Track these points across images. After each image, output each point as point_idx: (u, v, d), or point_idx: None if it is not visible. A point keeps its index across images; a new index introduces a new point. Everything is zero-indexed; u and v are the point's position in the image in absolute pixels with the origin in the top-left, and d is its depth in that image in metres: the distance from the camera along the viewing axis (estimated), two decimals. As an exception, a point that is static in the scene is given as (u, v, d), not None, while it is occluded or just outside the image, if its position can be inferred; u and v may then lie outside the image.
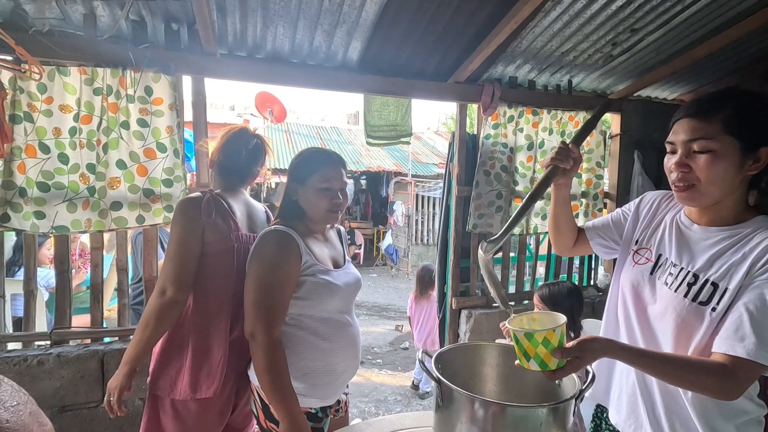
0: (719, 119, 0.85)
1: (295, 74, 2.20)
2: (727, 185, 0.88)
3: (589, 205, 2.82)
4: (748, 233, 0.89)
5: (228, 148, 1.44)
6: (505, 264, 2.79)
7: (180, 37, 1.94)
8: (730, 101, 0.86)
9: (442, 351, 1.00)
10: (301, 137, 11.45)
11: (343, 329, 1.31)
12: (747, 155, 0.85)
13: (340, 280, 1.31)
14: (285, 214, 1.35)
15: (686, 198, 0.92)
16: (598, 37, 2.24)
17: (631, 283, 1.05)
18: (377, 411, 3.16)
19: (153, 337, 1.25)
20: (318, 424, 1.28)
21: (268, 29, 1.98)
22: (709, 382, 0.83)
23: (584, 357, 0.82)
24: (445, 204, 2.74)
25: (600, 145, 2.78)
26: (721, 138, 0.85)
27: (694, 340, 0.92)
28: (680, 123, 0.91)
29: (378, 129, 3.00)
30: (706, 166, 0.86)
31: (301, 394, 1.22)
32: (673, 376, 0.86)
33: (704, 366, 0.84)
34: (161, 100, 1.88)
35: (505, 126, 2.54)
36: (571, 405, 0.82)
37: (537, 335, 0.81)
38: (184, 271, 1.24)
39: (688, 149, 0.89)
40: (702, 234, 0.96)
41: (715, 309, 0.89)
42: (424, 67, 2.39)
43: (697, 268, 0.93)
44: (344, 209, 1.37)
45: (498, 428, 0.80)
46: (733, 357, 0.82)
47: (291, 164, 1.35)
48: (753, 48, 2.52)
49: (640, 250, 1.07)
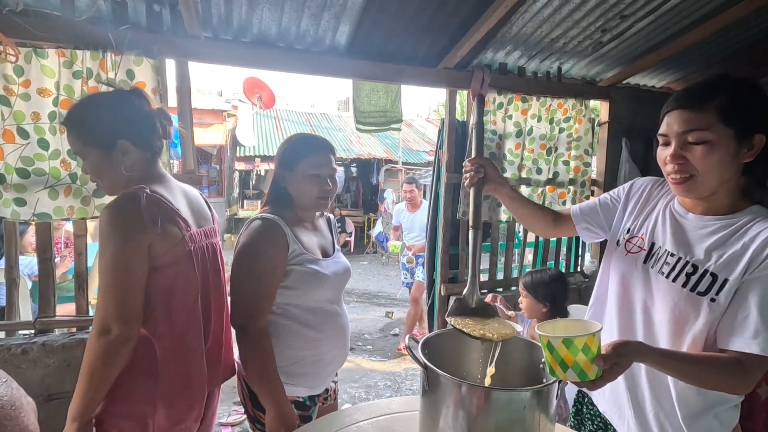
0: (713, 109, 0.84)
1: (283, 58, 2.16)
2: (723, 175, 0.88)
3: (577, 192, 2.84)
4: (746, 223, 0.89)
5: (123, 111, 1.08)
6: (493, 251, 2.81)
7: (162, 18, 1.89)
8: (722, 90, 0.85)
9: (429, 336, 1.00)
10: (291, 124, 11.32)
11: (332, 319, 1.30)
12: (742, 143, 0.85)
13: (329, 269, 1.28)
14: (273, 201, 1.31)
15: (684, 190, 0.91)
16: (588, 23, 2.23)
17: (622, 272, 1.04)
18: (367, 396, 3.19)
19: (102, 385, 0.99)
20: (306, 412, 1.29)
21: (253, 12, 1.93)
22: (727, 380, 0.85)
23: (621, 363, 0.79)
24: (435, 191, 2.74)
25: (588, 133, 2.79)
26: (716, 128, 0.84)
27: (691, 330, 0.92)
28: (672, 114, 0.89)
29: (368, 115, 2.98)
30: (703, 157, 0.85)
31: (289, 383, 1.22)
32: (695, 377, 0.87)
33: (723, 366, 0.85)
34: (144, 84, 1.83)
35: (495, 113, 2.53)
36: (554, 388, 0.83)
37: (577, 341, 0.74)
38: (131, 302, 0.98)
39: (682, 141, 0.87)
40: (698, 223, 0.95)
41: (714, 300, 0.89)
42: (414, 53, 2.36)
43: (695, 259, 0.92)
44: (334, 196, 1.34)
45: (482, 412, 0.81)
46: (748, 354, 0.84)
47: (279, 150, 1.31)
48: (741, 35, 2.53)
49: (632, 239, 1.05)
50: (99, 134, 1.06)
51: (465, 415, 0.82)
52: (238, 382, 1.31)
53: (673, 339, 0.94)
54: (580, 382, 0.78)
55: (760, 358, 0.83)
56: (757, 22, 2.42)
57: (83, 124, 1.07)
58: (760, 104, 0.86)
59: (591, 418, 1.16)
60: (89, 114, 1.08)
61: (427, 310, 2.90)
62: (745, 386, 0.87)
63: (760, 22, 2.44)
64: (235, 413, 2.83)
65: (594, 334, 0.75)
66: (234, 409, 2.87)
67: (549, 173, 2.75)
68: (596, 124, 2.91)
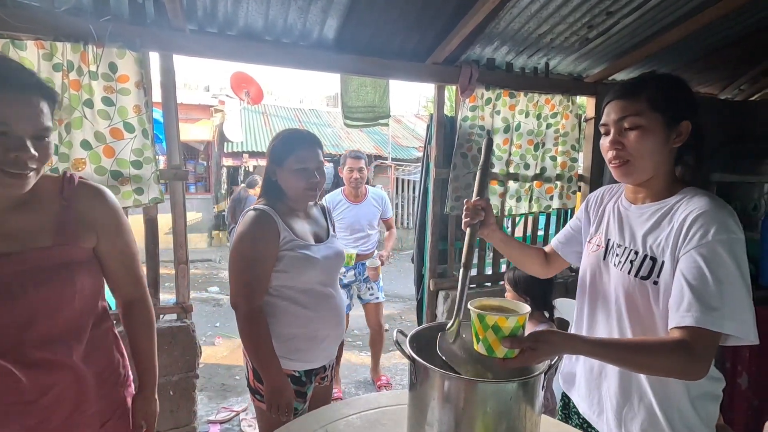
0: (644, 97, 0.94)
1: (269, 52, 2.13)
2: (657, 158, 0.96)
3: (564, 187, 2.87)
4: (674, 204, 0.96)
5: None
6: (482, 246, 2.82)
7: (145, 10, 1.85)
8: (651, 83, 0.96)
9: (417, 330, 1.01)
10: (279, 119, 11.23)
11: (325, 300, 1.42)
12: (671, 128, 0.94)
13: (320, 253, 1.40)
14: (267, 194, 1.43)
15: (623, 173, 0.98)
16: (575, 20, 2.24)
17: (588, 270, 1.13)
18: (357, 392, 3.20)
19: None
20: (302, 388, 1.40)
21: (239, 4, 1.91)
22: (671, 361, 0.83)
23: (539, 349, 0.81)
24: (423, 186, 2.74)
25: (575, 129, 2.82)
26: (648, 114, 0.94)
27: (643, 314, 0.97)
28: (611, 105, 0.99)
29: (356, 110, 2.96)
30: (637, 141, 0.94)
31: (286, 357, 1.35)
32: (637, 363, 0.86)
33: (663, 346, 0.84)
34: (127, 78, 1.80)
35: (483, 108, 2.54)
36: (539, 380, 0.84)
37: (488, 318, 0.80)
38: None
39: (619, 128, 0.97)
40: (637, 212, 1.03)
41: (657, 282, 0.94)
42: (402, 48, 2.35)
43: (637, 246, 1.00)
44: (322, 187, 1.44)
45: (469, 403, 0.82)
46: (685, 329, 0.83)
47: (269, 147, 1.43)
48: (723, 33, 2.58)
49: (592, 239, 1.15)
50: None
51: (452, 407, 0.83)
52: (244, 356, 1.44)
53: (634, 326, 0.99)
54: (487, 356, 0.83)
55: (700, 332, 0.82)
56: (738, 21, 2.46)
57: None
58: (684, 94, 0.97)
59: (578, 412, 1.17)
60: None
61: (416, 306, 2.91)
62: (694, 367, 0.83)
63: (741, 21, 2.49)
64: (224, 410, 2.81)
65: (507, 316, 0.80)
66: (223, 407, 2.86)
67: (536, 168, 2.77)
68: (583, 119, 2.94)
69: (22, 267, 0.87)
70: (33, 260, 0.88)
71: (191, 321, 2.11)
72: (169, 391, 2.06)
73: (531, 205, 2.81)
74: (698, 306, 0.83)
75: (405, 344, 0.92)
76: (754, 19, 2.49)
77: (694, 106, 0.97)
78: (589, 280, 1.12)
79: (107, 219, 1.01)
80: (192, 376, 2.11)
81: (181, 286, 2.11)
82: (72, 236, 0.94)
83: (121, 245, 1.04)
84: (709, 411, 0.98)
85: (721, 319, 0.82)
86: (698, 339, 0.82)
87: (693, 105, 0.97)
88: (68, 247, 0.93)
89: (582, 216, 1.23)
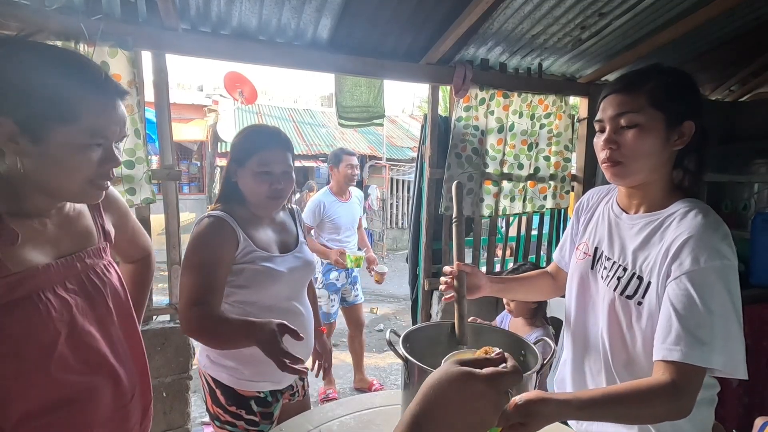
0: (644, 92, 0.86)
1: (263, 52, 2.12)
2: (654, 161, 0.88)
3: (557, 187, 2.88)
4: (665, 219, 0.89)
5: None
6: (476, 246, 2.83)
7: (137, 9, 1.83)
8: (654, 76, 0.88)
9: (410, 330, 1.01)
10: (274, 119, 11.18)
11: (292, 317, 1.24)
12: (672, 129, 0.86)
13: (284, 265, 1.25)
14: (225, 197, 1.27)
15: (616, 174, 0.91)
16: (567, 21, 2.26)
17: (576, 277, 1.07)
18: (351, 392, 3.20)
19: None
20: (267, 409, 1.28)
21: (233, 3, 1.90)
22: (664, 407, 0.77)
23: (529, 424, 0.68)
24: (418, 186, 2.74)
25: (568, 129, 2.83)
26: (647, 111, 0.85)
27: (625, 332, 0.92)
28: (607, 100, 0.91)
29: (350, 110, 2.96)
30: (634, 141, 0.86)
31: (250, 380, 1.23)
32: (630, 417, 0.80)
33: (652, 392, 0.78)
34: (119, 77, 1.78)
35: (477, 109, 2.54)
36: (531, 379, 0.85)
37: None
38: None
39: (616, 125, 0.89)
40: (629, 222, 0.96)
41: (641, 303, 0.89)
42: (396, 48, 2.36)
43: (626, 262, 0.94)
44: (287, 195, 1.28)
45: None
46: (672, 364, 0.78)
47: (232, 143, 1.27)
48: (714, 34, 2.61)
49: (580, 245, 1.09)
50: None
51: (445, 406, 0.82)
52: (201, 379, 1.30)
53: (614, 345, 0.95)
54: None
55: (687, 369, 0.77)
56: (729, 21, 2.49)
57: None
58: (689, 91, 0.88)
59: None
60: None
61: (411, 305, 2.91)
62: (683, 407, 0.78)
63: (731, 23, 2.52)
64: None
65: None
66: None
67: (530, 168, 2.79)
68: (576, 120, 2.96)
69: (94, 263, 0.85)
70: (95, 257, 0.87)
71: (184, 322, 2.10)
72: (162, 393, 2.04)
73: (525, 205, 2.82)
74: (687, 340, 0.78)
75: (398, 344, 0.92)
76: (743, 21, 2.52)
77: (700, 106, 0.88)
78: (577, 286, 1.07)
79: (118, 211, 1.01)
80: (185, 377, 2.10)
81: (174, 287, 2.09)
82: (108, 234, 0.94)
83: (130, 227, 1.06)
84: (704, 416, 0.94)
85: (710, 353, 0.77)
86: (685, 375, 0.78)
87: (698, 104, 0.88)
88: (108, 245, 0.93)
89: (574, 221, 1.18)
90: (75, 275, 0.80)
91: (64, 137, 0.71)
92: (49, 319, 0.72)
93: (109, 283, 0.87)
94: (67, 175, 0.74)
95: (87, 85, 0.73)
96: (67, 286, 0.78)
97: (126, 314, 0.90)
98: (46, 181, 0.73)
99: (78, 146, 0.72)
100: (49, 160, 0.71)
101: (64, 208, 0.83)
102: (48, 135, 0.70)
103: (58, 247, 0.79)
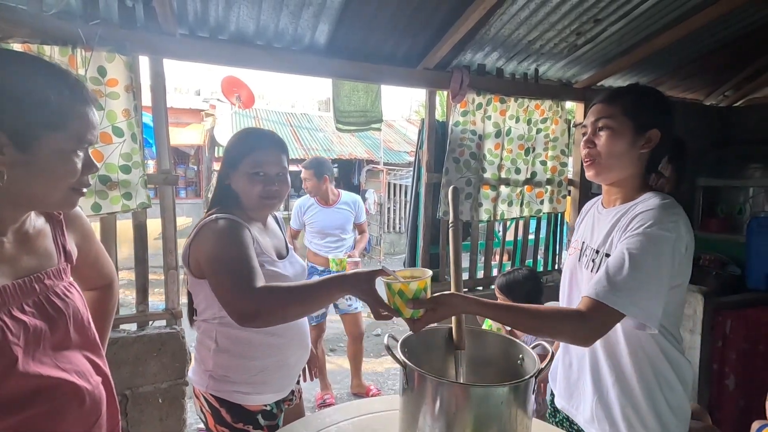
0: (620, 103, 1.04)
1: (261, 57, 2.13)
2: (624, 161, 1.03)
3: (554, 191, 2.90)
4: (633, 205, 1.02)
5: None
6: (473, 250, 2.83)
7: (135, 14, 1.84)
8: (631, 91, 1.07)
9: (409, 335, 1.01)
10: (271, 124, 11.18)
11: (294, 323, 1.24)
12: (639, 134, 1.02)
13: (288, 270, 1.23)
14: (220, 201, 1.22)
15: (592, 170, 1.07)
16: (563, 26, 2.28)
17: (567, 272, 1.20)
18: (349, 397, 3.18)
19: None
20: (273, 422, 1.25)
21: (231, 9, 1.90)
22: (562, 325, 0.91)
23: (438, 310, 0.89)
24: (415, 191, 2.75)
25: (564, 134, 2.85)
26: (619, 118, 1.02)
27: None
28: (592, 108, 1.09)
29: (348, 115, 2.96)
30: (606, 141, 1.03)
31: (256, 393, 1.20)
32: (530, 326, 0.94)
33: (558, 312, 0.97)
34: (116, 82, 1.78)
35: (474, 113, 2.56)
36: (531, 383, 0.85)
37: (394, 285, 0.89)
38: None
39: (594, 128, 1.06)
40: (607, 215, 1.09)
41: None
42: (394, 53, 2.37)
43: (598, 244, 1.07)
44: (283, 197, 1.24)
45: (461, 408, 0.82)
46: (586, 299, 0.91)
47: (226, 146, 1.24)
48: (708, 40, 2.63)
49: (571, 244, 1.23)
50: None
51: (444, 411, 0.82)
52: (197, 401, 1.24)
53: None
54: (400, 318, 0.91)
55: (598, 305, 0.89)
56: (722, 29, 2.52)
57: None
58: (658, 105, 1.05)
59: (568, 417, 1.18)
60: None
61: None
62: (583, 334, 0.91)
63: (725, 29, 2.55)
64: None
65: (409, 283, 0.88)
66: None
67: (527, 173, 2.80)
68: (572, 125, 2.97)
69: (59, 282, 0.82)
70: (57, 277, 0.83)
71: (181, 327, 2.09)
72: (158, 399, 2.03)
73: (522, 209, 2.83)
74: (605, 283, 0.90)
75: (396, 349, 0.92)
76: (737, 27, 2.55)
77: (666, 117, 1.03)
78: (568, 280, 1.18)
79: (82, 230, 0.95)
80: (181, 383, 2.08)
81: (171, 292, 2.08)
82: (70, 255, 0.89)
83: (94, 251, 1.00)
84: (682, 405, 1.02)
85: (624, 299, 0.88)
86: (594, 310, 0.89)
87: (664, 115, 1.03)
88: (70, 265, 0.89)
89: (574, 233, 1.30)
90: (33, 297, 0.76)
91: (54, 144, 0.71)
92: (5, 343, 0.68)
93: (72, 304, 0.82)
94: (54, 183, 0.73)
95: (70, 92, 0.74)
96: (24, 308, 0.73)
97: (88, 336, 0.86)
98: (30, 190, 0.72)
99: (65, 153, 0.73)
100: (36, 169, 0.71)
101: (23, 226, 0.79)
102: (38, 143, 0.70)
103: (15, 267, 0.75)
